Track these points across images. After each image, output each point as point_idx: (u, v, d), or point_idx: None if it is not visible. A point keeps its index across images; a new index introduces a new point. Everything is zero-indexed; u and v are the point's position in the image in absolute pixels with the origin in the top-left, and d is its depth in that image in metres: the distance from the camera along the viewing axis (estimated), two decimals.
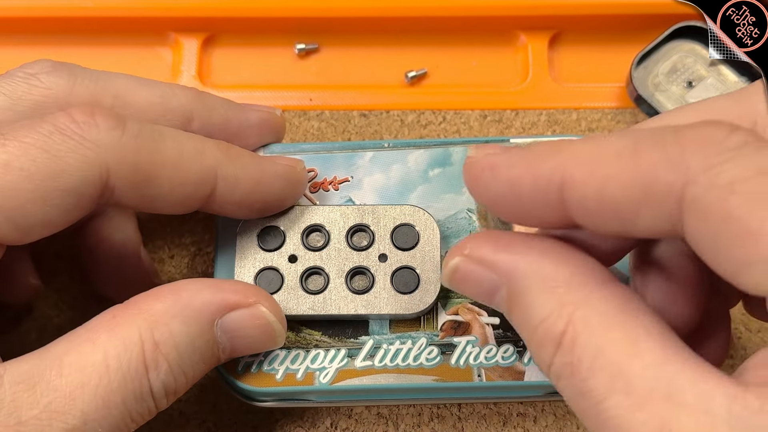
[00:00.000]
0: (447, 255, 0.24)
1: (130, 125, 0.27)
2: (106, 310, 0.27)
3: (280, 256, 0.31)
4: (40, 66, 0.29)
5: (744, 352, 0.36)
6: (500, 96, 0.41)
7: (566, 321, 0.21)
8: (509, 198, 0.22)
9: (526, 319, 0.22)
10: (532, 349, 0.22)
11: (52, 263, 0.37)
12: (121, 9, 0.40)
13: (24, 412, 0.24)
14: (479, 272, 0.23)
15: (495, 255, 0.22)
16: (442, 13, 0.41)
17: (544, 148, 0.21)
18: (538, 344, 0.21)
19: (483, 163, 0.22)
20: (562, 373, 0.21)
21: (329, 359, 0.30)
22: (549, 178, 0.21)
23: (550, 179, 0.21)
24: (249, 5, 0.41)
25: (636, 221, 0.20)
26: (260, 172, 0.29)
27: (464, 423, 0.34)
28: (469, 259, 0.23)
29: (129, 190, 0.27)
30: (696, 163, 0.19)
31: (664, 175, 0.19)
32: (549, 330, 0.21)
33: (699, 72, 0.40)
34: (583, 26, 0.42)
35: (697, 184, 0.19)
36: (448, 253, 0.24)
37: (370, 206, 0.31)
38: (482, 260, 0.23)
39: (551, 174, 0.21)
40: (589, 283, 0.21)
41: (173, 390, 0.27)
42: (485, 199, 0.23)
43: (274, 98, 0.41)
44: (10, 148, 0.25)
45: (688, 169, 0.19)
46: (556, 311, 0.21)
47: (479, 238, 0.23)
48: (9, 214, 0.25)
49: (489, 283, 0.23)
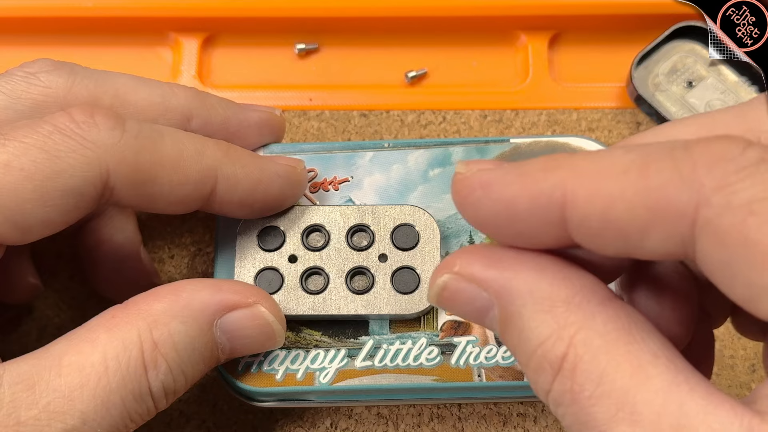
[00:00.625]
0: (434, 272, 0.22)
1: (130, 125, 0.27)
2: (106, 311, 0.27)
3: (280, 256, 0.31)
4: (39, 65, 0.29)
5: (744, 352, 0.36)
6: (500, 96, 0.41)
7: (567, 344, 0.19)
8: (503, 218, 0.20)
9: (521, 342, 0.20)
10: (528, 374, 0.20)
11: (52, 263, 0.37)
12: (121, 9, 0.40)
13: (23, 412, 0.24)
14: (470, 291, 0.21)
15: (486, 272, 0.21)
16: (442, 13, 0.41)
17: (542, 164, 0.20)
18: (534, 369, 0.20)
19: (474, 181, 0.20)
20: (562, 401, 0.19)
21: (329, 359, 0.30)
22: (549, 196, 0.19)
23: (550, 197, 0.19)
24: (249, 5, 0.41)
25: (643, 243, 0.19)
26: (260, 172, 0.29)
27: (464, 423, 0.34)
28: (458, 277, 0.21)
29: (129, 190, 0.27)
30: (710, 182, 0.17)
31: (675, 194, 0.18)
32: (547, 354, 0.19)
33: (699, 72, 0.40)
34: (583, 26, 0.42)
35: (712, 204, 0.17)
36: (435, 270, 0.22)
37: (370, 206, 0.31)
38: (473, 278, 0.21)
39: (551, 191, 0.19)
40: (591, 302, 0.20)
41: (172, 390, 0.27)
42: (476, 219, 0.21)
43: (274, 98, 0.41)
44: (11, 148, 0.25)
45: (701, 187, 0.18)
46: (555, 333, 0.19)
47: (469, 253, 0.21)
48: (9, 214, 0.25)
49: (480, 302, 0.21)
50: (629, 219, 0.18)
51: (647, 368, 0.18)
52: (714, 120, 0.22)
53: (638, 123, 0.41)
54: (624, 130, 0.40)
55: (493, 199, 0.20)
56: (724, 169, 0.17)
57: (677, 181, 0.18)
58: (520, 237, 0.21)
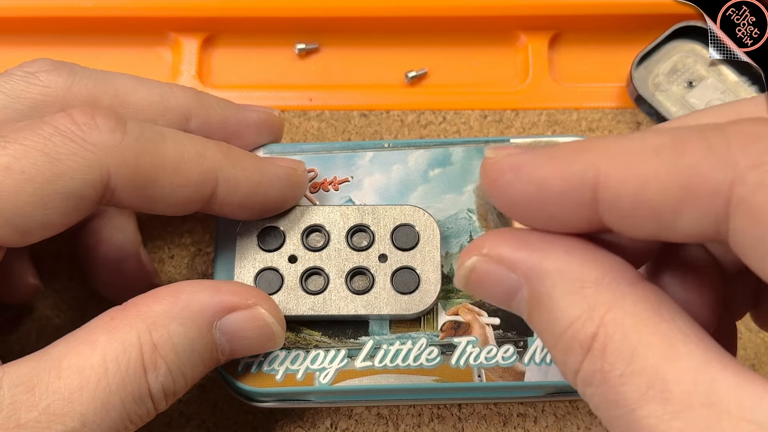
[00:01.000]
0: (462, 254, 0.22)
1: (131, 127, 0.27)
2: (105, 312, 0.27)
3: (280, 257, 0.31)
4: (39, 65, 0.29)
5: (744, 352, 0.36)
6: (500, 96, 0.41)
7: (597, 324, 0.19)
8: (534, 201, 0.20)
9: (550, 323, 0.20)
10: (557, 354, 0.20)
11: (52, 264, 0.37)
12: (121, 9, 0.40)
13: (23, 414, 0.24)
14: (498, 272, 0.21)
15: (516, 253, 0.21)
16: (442, 13, 0.41)
17: (573, 147, 0.20)
18: (563, 350, 0.20)
19: (504, 164, 0.20)
20: (592, 380, 0.19)
21: (329, 360, 0.30)
22: (581, 177, 0.19)
23: (583, 179, 0.19)
24: (249, 5, 0.41)
25: (676, 223, 0.19)
26: (261, 174, 0.29)
27: (464, 423, 0.34)
28: (487, 259, 0.21)
29: (129, 192, 0.27)
30: (744, 160, 0.17)
31: (709, 172, 0.18)
32: (577, 334, 0.19)
33: (699, 72, 0.40)
34: (583, 26, 0.42)
35: (746, 182, 0.17)
36: (462, 252, 0.22)
37: (370, 206, 0.31)
38: (502, 259, 0.21)
39: (584, 173, 0.19)
40: (621, 283, 0.20)
41: (172, 391, 0.27)
42: (506, 202, 0.21)
43: (274, 98, 0.41)
44: (11, 151, 0.25)
45: (735, 165, 0.17)
46: (585, 313, 0.19)
47: (498, 235, 0.21)
48: (9, 216, 0.25)
49: (509, 284, 0.21)
50: (662, 199, 0.18)
51: (678, 346, 0.18)
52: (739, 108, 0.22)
53: (638, 123, 0.41)
54: (624, 130, 0.40)
55: (524, 182, 0.20)
56: (758, 148, 0.17)
57: (711, 160, 0.18)
58: (551, 220, 0.21)
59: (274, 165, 0.30)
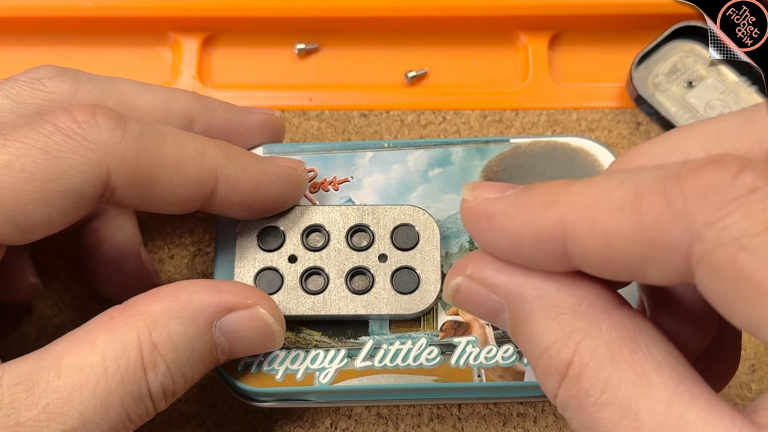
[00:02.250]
0: (449, 272, 0.23)
1: (131, 125, 0.27)
2: (105, 311, 0.27)
3: (279, 257, 0.31)
4: (44, 71, 0.29)
5: (744, 352, 0.36)
6: (500, 96, 0.41)
7: (572, 351, 0.20)
8: (510, 249, 0.21)
9: (530, 345, 0.21)
10: (537, 375, 0.21)
11: (52, 263, 0.37)
12: (121, 9, 0.40)
13: (22, 413, 0.24)
14: (482, 293, 0.22)
15: (497, 277, 0.21)
16: (442, 13, 0.41)
17: (542, 198, 0.20)
18: (542, 372, 0.21)
19: (479, 211, 0.21)
20: (568, 405, 0.20)
21: (329, 359, 0.30)
22: (550, 232, 0.20)
23: (552, 234, 0.20)
24: (249, 5, 0.41)
25: (645, 274, 0.19)
26: (260, 173, 0.29)
27: (464, 423, 0.34)
28: (470, 280, 0.22)
29: (130, 191, 0.27)
30: (700, 217, 0.17)
31: (668, 230, 0.18)
32: (554, 359, 0.20)
33: (699, 72, 0.40)
34: (583, 26, 0.42)
35: (704, 240, 0.17)
36: (450, 271, 0.23)
37: (370, 206, 0.31)
38: (484, 281, 0.22)
39: (552, 228, 0.20)
40: (597, 309, 0.20)
41: (172, 391, 0.27)
42: (484, 246, 0.22)
43: (273, 98, 0.41)
44: (11, 149, 0.25)
45: (693, 222, 0.18)
46: (561, 340, 0.20)
47: (482, 257, 0.22)
48: (9, 214, 0.25)
49: (492, 305, 0.22)
50: (628, 254, 0.19)
51: (650, 376, 0.19)
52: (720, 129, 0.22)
53: (638, 123, 0.41)
54: (624, 130, 0.40)
55: (496, 233, 0.21)
56: (713, 203, 0.17)
57: (669, 217, 0.18)
58: (529, 263, 0.21)
59: (274, 164, 0.30)
